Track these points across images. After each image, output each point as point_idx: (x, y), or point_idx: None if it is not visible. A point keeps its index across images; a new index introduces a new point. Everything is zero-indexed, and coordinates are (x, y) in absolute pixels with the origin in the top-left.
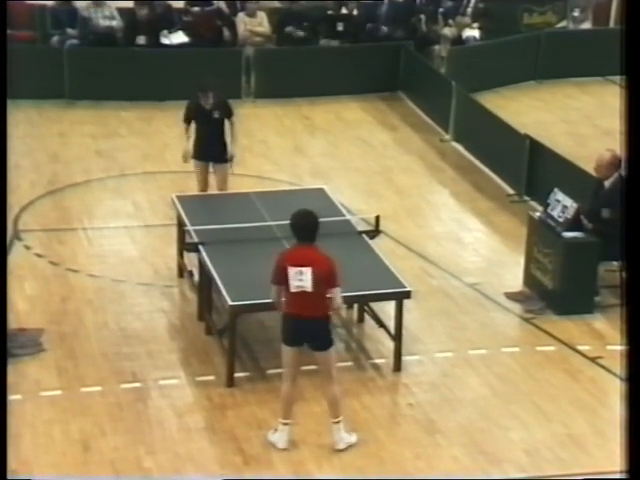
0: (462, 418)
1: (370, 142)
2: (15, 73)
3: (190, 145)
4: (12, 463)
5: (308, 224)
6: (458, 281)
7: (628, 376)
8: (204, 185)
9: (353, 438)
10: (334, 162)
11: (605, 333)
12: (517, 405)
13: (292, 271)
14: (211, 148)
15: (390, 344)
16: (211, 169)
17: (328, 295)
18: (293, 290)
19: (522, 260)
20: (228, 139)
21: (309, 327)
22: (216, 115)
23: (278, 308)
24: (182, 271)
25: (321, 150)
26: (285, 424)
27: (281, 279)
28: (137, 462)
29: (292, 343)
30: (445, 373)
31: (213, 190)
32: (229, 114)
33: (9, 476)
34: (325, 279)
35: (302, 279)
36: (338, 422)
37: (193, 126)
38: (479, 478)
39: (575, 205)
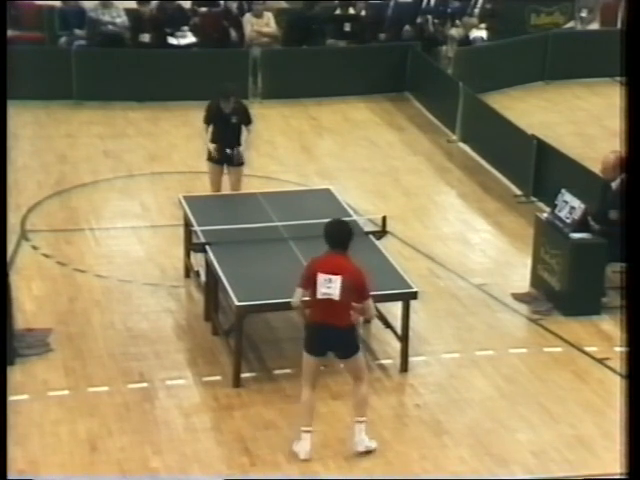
0: (469, 419)
1: (377, 143)
2: (23, 74)
3: (210, 145)
4: (19, 463)
5: (342, 232)
6: (465, 282)
7: (628, 376)
8: (217, 187)
9: (373, 444)
10: (341, 163)
11: (612, 334)
12: (524, 406)
13: (321, 277)
14: (226, 152)
15: (397, 345)
16: (225, 170)
17: (357, 305)
18: (319, 297)
19: (529, 261)
20: (243, 144)
21: (333, 336)
22: (234, 120)
23: (296, 310)
24: (189, 271)
25: (328, 151)
26: (307, 432)
27: (309, 284)
28: (144, 462)
29: (316, 353)
30: (452, 374)
31: (227, 192)
32: (248, 121)
33: (16, 476)
34: (354, 289)
35: (330, 287)
36: (362, 422)
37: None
38: (486, 479)
39: (582, 206)
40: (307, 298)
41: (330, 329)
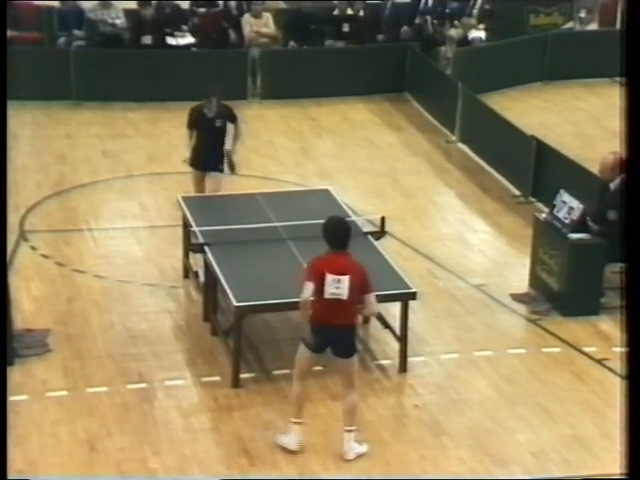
0: (468, 419)
1: (376, 143)
2: (22, 74)
3: (188, 150)
4: (18, 463)
5: (343, 232)
6: (464, 282)
7: (628, 377)
8: (200, 192)
9: (363, 448)
10: (340, 163)
11: (611, 334)
12: (523, 407)
13: (330, 278)
14: (208, 158)
15: (395, 345)
16: (206, 176)
17: (360, 302)
18: (327, 297)
19: (528, 261)
20: (228, 146)
21: (336, 334)
22: (218, 124)
23: (304, 307)
24: (187, 272)
25: (327, 151)
26: (297, 423)
27: (315, 282)
28: (143, 463)
29: (316, 350)
30: (451, 374)
31: None
32: (233, 119)
33: (15, 476)
34: (359, 287)
35: (339, 287)
36: (351, 431)
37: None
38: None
39: (581, 207)
40: (312, 298)
41: (334, 328)
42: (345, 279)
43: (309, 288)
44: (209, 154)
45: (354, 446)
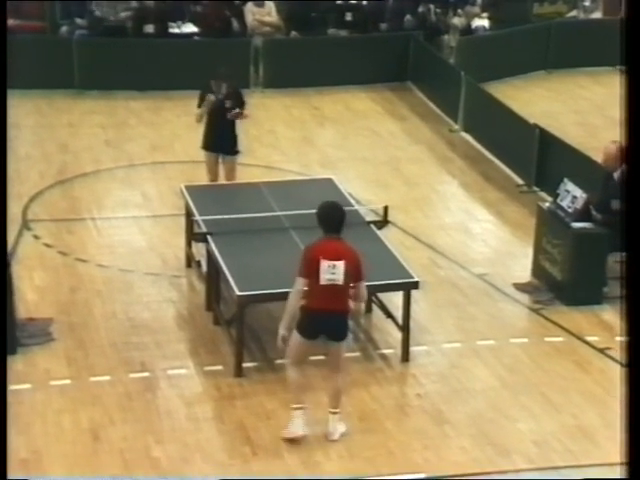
0: (471, 409)
1: (379, 132)
2: (25, 63)
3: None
4: (22, 452)
5: (337, 216)
6: (466, 272)
7: (628, 366)
8: (214, 176)
9: (344, 427)
10: (343, 152)
11: (614, 324)
12: (526, 396)
13: (325, 264)
14: (221, 139)
15: (398, 335)
16: (220, 160)
17: (353, 288)
18: (323, 283)
19: (531, 251)
20: (238, 130)
21: (331, 320)
22: (227, 105)
23: (294, 299)
24: (190, 261)
25: (330, 140)
26: (297, 408)
27: (310, 272)
28: (146, 451)
29: (310, 336)
30: (453, 364)
31: (222, 181)
32: (241, 104)
33: (18, 469)
34: (353, 272)
35: (335, 272)
36: (336, 413)
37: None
38: (488, 470)
39: (584, 196)
40: (305, 288)
41: (329, 314)
42: (340, 264)
43: (299, 283)
44: (221, 135)
45: (339, 427)
